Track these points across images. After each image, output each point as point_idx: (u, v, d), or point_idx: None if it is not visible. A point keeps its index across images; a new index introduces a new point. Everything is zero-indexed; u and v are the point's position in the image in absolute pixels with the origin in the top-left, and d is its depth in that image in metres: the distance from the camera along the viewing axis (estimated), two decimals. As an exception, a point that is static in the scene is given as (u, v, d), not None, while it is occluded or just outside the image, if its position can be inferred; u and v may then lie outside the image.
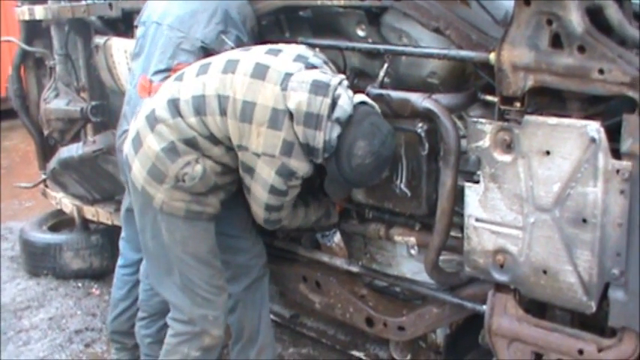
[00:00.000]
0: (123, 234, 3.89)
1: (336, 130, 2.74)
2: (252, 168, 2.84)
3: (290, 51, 2.91)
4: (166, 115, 2.89)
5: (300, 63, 2.84)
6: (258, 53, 2.91)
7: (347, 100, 2.76)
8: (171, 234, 2.98)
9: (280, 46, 2.97)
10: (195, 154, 2.88)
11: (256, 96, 2.77)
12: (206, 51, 3.23)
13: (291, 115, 2.74)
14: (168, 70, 3.25)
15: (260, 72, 2.80)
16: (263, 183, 2.85)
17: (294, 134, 2.75)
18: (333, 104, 2.72)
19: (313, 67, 2.86)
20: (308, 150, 2.77)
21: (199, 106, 2.85)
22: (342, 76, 2.85)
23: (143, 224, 3.11)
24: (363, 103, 2.83)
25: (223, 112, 2.82)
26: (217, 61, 2.94)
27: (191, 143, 2.87)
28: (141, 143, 2.94)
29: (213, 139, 2.88)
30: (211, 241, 3.07)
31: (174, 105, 2.89)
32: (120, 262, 3.92)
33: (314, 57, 2.92)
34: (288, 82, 2.75)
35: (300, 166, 2.81)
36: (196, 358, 3.19)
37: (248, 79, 2.80)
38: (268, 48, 2.94)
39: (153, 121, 2.92)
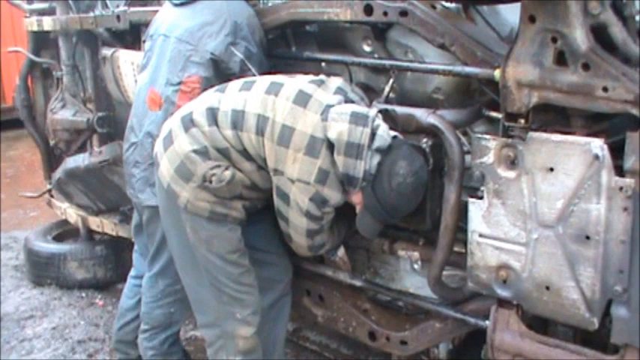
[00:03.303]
0: (135, 247, 3.94)
1: (376, 159, 2.76)
2: (287, 194, 2.86)
3: (331, 83, 2.96)
4: (203, 121, 2.93)
5: (340, 96, 2.90)
6: (302, 81, 2.95)
7: (386, 129, 2.81)
8: (196, 233, 2.99)
9: (322, 77, 3.01)
10: (226, 162, 2.92)
11: (296, 121, 2.81)
12: (216, 63, 3.26)
13: (329, 145, 2.78)
14: (179, 83, 3.28)
15: (302, 99, 2.85)
16: (298, 209, 2.87)
17: (330, 163, 2.78)
18: (373, 134, 2.76)
19: (351, 102, 2.92)
20: (347, 179, 2.79)
21: (237, 121, 2.89)
22: (376, 109, 2.90)
23: (167, 223, 3.14)
24: (395, 136, 2.86)
25: (260, 132, 2.86)
26: (261, 81, 2.99)
27: (223, 153, 2.91)
28: (172, 142, 2.98)
29: (246, 154, 2.92)
30: (237, 241, 3.04)
31: (212, 114, 2.93)
32: (132, 272, 3.95)
33: (352, 92, 2.99)
34: (328, 114, 2.80)
35: (333, 196, 2.84)
36: None
37: (290, 104, 2.84)
38: (311, 78, 2.99)
39: (188, 122, 2.96)
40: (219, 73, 3.27)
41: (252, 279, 3.15)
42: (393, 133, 2.85)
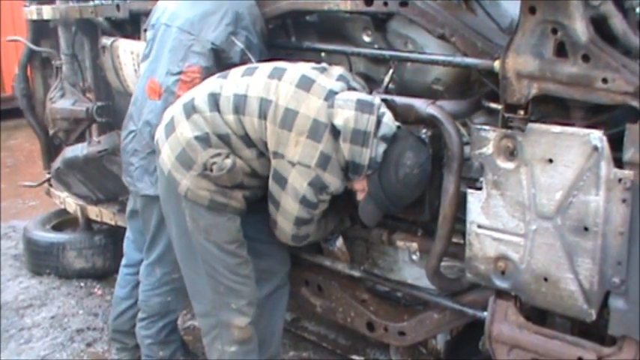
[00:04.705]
0: (127, 234, 3.92)
1: (382, 147, 2.79)
2: (285, 178, 2.86)
3: (334, 71, 2.99)
4: (205, 107, 2.94)
5: (343, 83, 2.91)
6: (305, 67, 2.98)
7: (391, 117, 2.83)
8: (195, 221, 3.00)
9: (325, 65, 3.04)
10: (226, 149, 2.92)
11: (300, 105, 2.82)
12: (216, 52, 3.26)
13: (332, 130, 2.79)
14: (179, 73, 3.28)
15: (305, 84, 2.86)
16: (294, 194, 2.87)
17: (332, 149, 2.79)
18: (378, 122, 2.77)
19: (354, 89, 2.93)
20: (353, 166, 2.81)
21: (239, 105, 2.90)
22: (379, 98, 2.92)
23: (167, 210, 3.14)
24: (399, 126, 2.87)
25: (263, 116, 2.86)
26: (264, 67, 3.01)
27: (224, 139, 2.92)
28: (174, 128, 2.99)
29: (247, 140, 2.92)
30: (235, 232, 3.04)
31: (214, 99, 2.94)
32: (123, 261, 3.95)
33: (354, 81, 3.01)
34: (334, 100, 2.81)
35: (333, 182, 2.85)
36: (235, 352, 3.20)
37: (293, 88, 2.85)
38: (314, 65, 3.01)
39: (190, 109, 2.97)
40: (220, 62, 3.27)
41: (250, 270, 3.15)
42: (397, 123, 2.86)
